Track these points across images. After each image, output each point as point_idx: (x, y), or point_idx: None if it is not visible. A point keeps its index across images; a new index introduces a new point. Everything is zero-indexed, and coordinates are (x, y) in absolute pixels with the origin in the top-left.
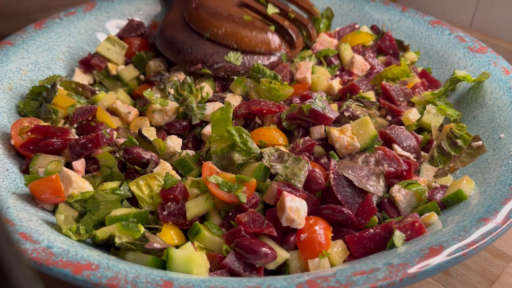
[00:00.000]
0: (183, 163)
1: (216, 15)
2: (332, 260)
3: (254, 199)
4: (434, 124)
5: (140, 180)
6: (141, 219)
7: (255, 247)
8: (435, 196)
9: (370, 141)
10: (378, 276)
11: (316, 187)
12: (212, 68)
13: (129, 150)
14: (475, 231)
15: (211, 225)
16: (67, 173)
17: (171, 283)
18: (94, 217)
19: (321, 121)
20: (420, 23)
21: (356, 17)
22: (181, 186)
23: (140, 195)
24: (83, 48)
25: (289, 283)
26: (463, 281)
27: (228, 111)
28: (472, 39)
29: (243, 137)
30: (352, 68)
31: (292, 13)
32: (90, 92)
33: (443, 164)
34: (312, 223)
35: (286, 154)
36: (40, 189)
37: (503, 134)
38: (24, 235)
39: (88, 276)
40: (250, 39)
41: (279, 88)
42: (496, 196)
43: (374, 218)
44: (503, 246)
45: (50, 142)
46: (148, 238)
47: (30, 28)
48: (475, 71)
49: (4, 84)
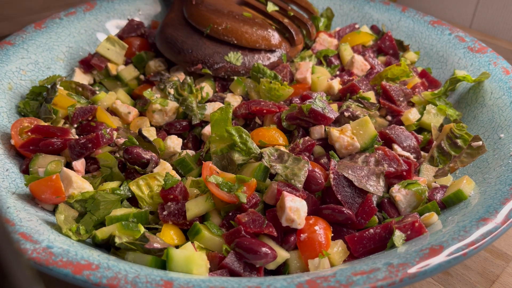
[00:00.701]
0: (183, 163)
1: (216, 11)
2: (332, 260)
3: (254, 199)
4: (434, 124)
5: (140, 180)
6: (141, 219)
7: (255, 247)
8: (435, 196)
9: (370, 141)
10: (378, 276)
11: (316, 187)
12: (212, 68)
13: (129, 150)
14: (475, 231)
15: (211, 225)
16: (67, 173)
17: (171, 283)
18: (94, 217)
19: (321, 121)
20: (420, 23)
21: (356, 17)
22: (181, 186)
23: (140, 195)
24: (83, 48)
25: (289, 283)
26: (463, 281)
27: (228, 111)
28: (472, 39)
29: (243, 137)
30: (352, 68)
31: (291, 11)
32: (90, 92)
33: (443, 164)
34: (312, 223)
35: (286, 154)
36: (40, 189)
37: (503, 134)
38: (24, 235)
39: (88, 276)
40: (250, 35)
41: (279, 88)
42: (496, 196)
43: (374, 218)
44: (503, 246)
45: (50, 142)
46: (148, 238)
47: (30, 28)
48: (475, 71)
49: (4, 84)
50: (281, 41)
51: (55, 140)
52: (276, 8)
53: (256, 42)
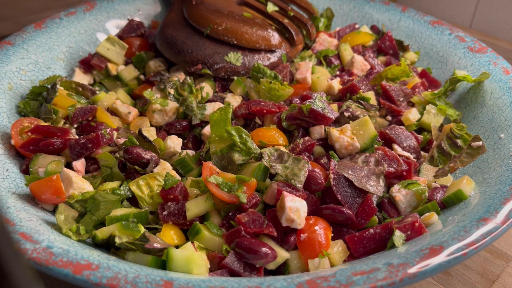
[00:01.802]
0: (183, 163)
1: (216, 11)
2: (332, 260)
3: (254, 199)
4: (434, 124)
5: (140, 180)
6: (141, 219)
7: (255, 247)
8: (435, 196)
9: (370, 141)
10: (378, 276)
11: (316, 187)
12: (212, 68)
13: (129, 150)
14: (475, 231)
15: (211, 225)
16: (67, 173)
17: (171, 283)
18: (94, 217)
19: (321, 121)
20: (420, 23)
21: (356, 17)
22: (181, 186)
23: (140, 195)
24: (83, 48)
25: (289, 283)
26: (463, 281)
27: (227, 112)
28: (472, 39)
29: (243, 137)
30: (352, 68)
31: (291, 11)
32: (90, 92)
33: (443, 164)
34: (312, 223)
35: (286, 154)
36: (40, 189)
37: (503, 134)
38: (24, 235)
39: (88, 276)
40: (250, 35)
41: (279, 88)
42: (496, 196)
43: (374, 218)
44: (503, 246)
45: (50, 142)
46: (148, 238)
47: (30, 28)
48: (475, 71)
49: (4, 84)
50: (281, 42)
51: (55, 140)
52: (276, 8)
53: (256, 43)
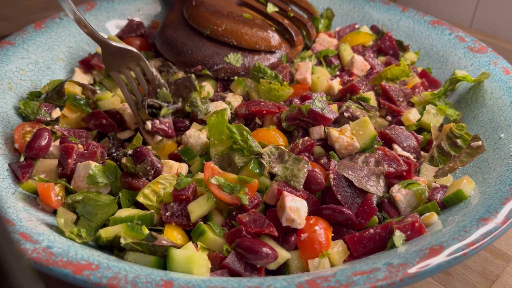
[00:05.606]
0: (187, 151)
1: (216, 12)
2: (332, 260)
3: (256, 200)
4: (434, 124)
5: (145, 189)
6: (145, 221)
7: (256, 247)
8: (435, 196)
9: (369, 141)
10: (378, 276)
11: (316, 187)
12: (212, 69)
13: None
14: (475, 231)
15: (214, 226)
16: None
17: (171, 283)
18: (93, 223)
19: (320, 122)
20: (420, 23)
21: (356, 17)
22: (193, 187)
23: (149, 203)
24: (83, 48)
25: (289, 283)
26: (463, 281)
27: (224, 114)
28: (472, 39)
29: (244, 135)
30: (352, 68)
31: (291, 12)
32: (91, 92)
33: (443, 164)
34: (312, 223)
35: (287, 154)
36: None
37: (503, 134)
38: (24, 235)
39: (88, 276)
40: (250, 36)
41: (278, 89)
42: (496, 196)
43: (374, 218)
44: (503, 246)
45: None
46: (156, 237)
47: (30, 28)
48: (475, 71)
49: (4, 84)
50: (281, 42)
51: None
52: (276, 9)
53: (256, 43)
